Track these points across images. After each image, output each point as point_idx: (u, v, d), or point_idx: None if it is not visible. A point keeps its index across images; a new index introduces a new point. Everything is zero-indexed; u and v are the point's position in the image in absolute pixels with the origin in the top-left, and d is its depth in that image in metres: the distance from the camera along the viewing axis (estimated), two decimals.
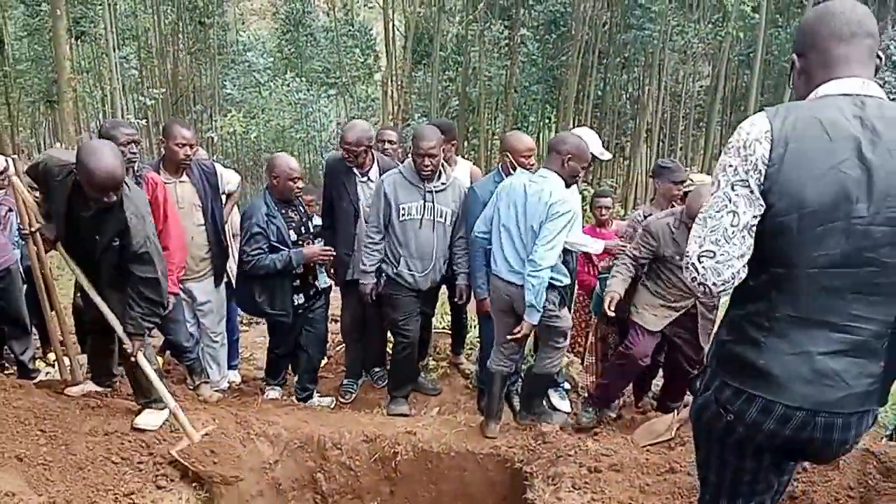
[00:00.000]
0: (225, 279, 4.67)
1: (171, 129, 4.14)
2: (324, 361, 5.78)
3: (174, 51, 21.28)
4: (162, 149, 4.31)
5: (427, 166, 4.09)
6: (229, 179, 4.59)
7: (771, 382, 1.75)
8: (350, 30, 21.96)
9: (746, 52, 20.05)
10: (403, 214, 4.22)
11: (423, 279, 4.33)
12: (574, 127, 5.83)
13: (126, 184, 3.14)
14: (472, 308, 4.74)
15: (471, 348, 5.62)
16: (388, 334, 4.92)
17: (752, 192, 1.67)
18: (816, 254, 1.66)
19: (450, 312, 5.34)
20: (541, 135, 24.72)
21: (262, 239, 4.17)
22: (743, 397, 1.79)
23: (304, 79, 18.53)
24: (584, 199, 8.50)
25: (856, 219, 1.62)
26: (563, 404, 4.61)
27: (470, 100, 19.22)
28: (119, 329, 3.33)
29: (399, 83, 17.81)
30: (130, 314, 3.28)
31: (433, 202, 4.23)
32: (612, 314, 3.92)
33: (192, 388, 4.46)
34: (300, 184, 4.35)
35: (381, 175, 4.36)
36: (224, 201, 4.53)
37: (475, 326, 5.33)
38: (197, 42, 21.23)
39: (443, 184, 4.26)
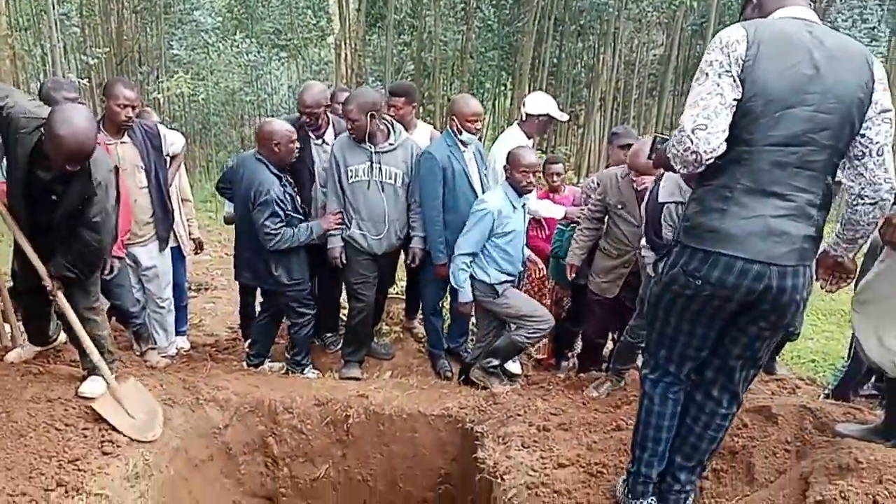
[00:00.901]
0: (174, 243, 4.57)
1: (112, 88, 3.99)
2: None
3: (118, 9, 20.43)
4: (103, 109, 4.15)
5: (349, 129, 4.11)
6: (173, 141, 4.45)
7: (732, 241, 2.16)
8: None
9: (700, 22, 20.20)
10: (352, 176, 4.18)
11: (376, 242, 4.30)
12: (529, 93, 5.81)
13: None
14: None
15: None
16: (343, 299, 4.91)
17: (734, 79, 2.10)
18: (772, 133, 2.10)
19: (405, 278, 5.34)
20: (496, 101, 24.63)
21: (280, 212, 4.08)
22: (709, 260, 2.19)
23: (254, 40, 18.03)
24: None
25: (805, 107, 2.08)
26: (514, 366, 4.68)
27: (425, 65, 18.99)
28: (42, 269, 3.17)
29: (353, 46, 17.49)
30: (58, 259, 3.15)
31: (380, 164, 4.20)
32: (571, 279, 4.30)
33: (138, 354, 4.38)
34: (297, 143, 4.22)
35: (336, 137, 4.32)
36: (168, 163, 4.41)
37: None
38: (142, 0, 20.42)
39: (391, 144, 4.22)
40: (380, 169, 4.20)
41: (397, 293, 5.99)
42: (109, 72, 16.56)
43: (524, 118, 4.79)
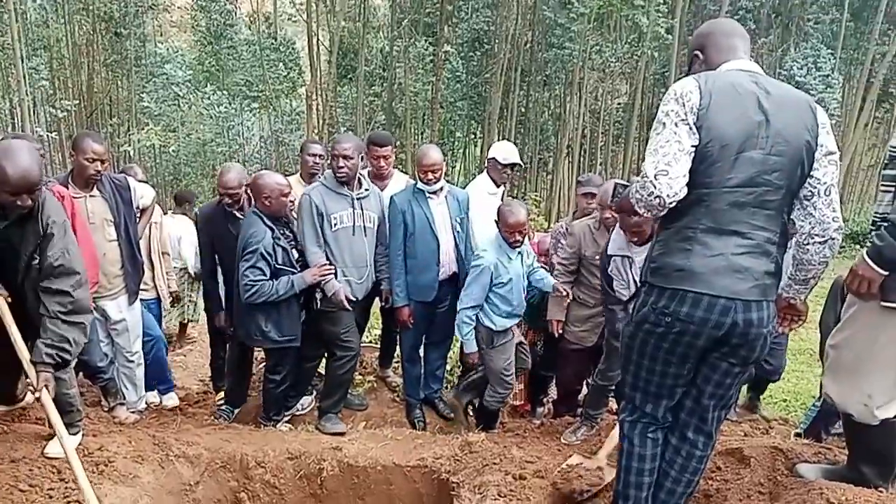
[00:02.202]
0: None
1: (80, 142, 3.98)
2: (221, 394, 5.63)
3: (89, 62, 20.54)
4: (72, 163, 4.14)
5: (341, 168, 4.11)
6: (143, 194, 4.44)
7: (697, 279, 2.27)
8: (273, 43, 21.70)
9: (661, 71, 20.87)
10: (336, 224, 4.19)
11: (359, 287, 4.32)
12: (497, 141, 5.94)
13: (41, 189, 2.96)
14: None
15: (398, 362, 5.61)
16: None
17: (690, 127, 2.23)
18: (729, 176, 2.23)
19: (380, 326, 5.33)
20: (467, 150, 25.02)
21: (265, 265, 4.01)
22: (677, 297, 2.30)
23: (225, 92, 18.19)
24: None
25: (757, 150, 2.22)
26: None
27: (396, 114, 19.30)
28: (25, 355, 3.00)
29: (324, 97, 17.71)
30: (40, 341, 2.95)
31: (361, 209, 4.25)
32: (558, 334, 4.39)
33: (106, 409, 4.28)
34: (292, 196, 4.19)
35: None
36: (138, 216, 4.39)
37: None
38: (113, 53, 20.54)
39: (366, 190, 4.29)
40: (361, 213, 4.25)
41: (371, 341, 5.97)
42: (79, 124, 16.56)
43: (492, 164, 4.93)
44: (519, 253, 4.20)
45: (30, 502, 2.96)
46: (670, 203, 2.23)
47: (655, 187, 2.21)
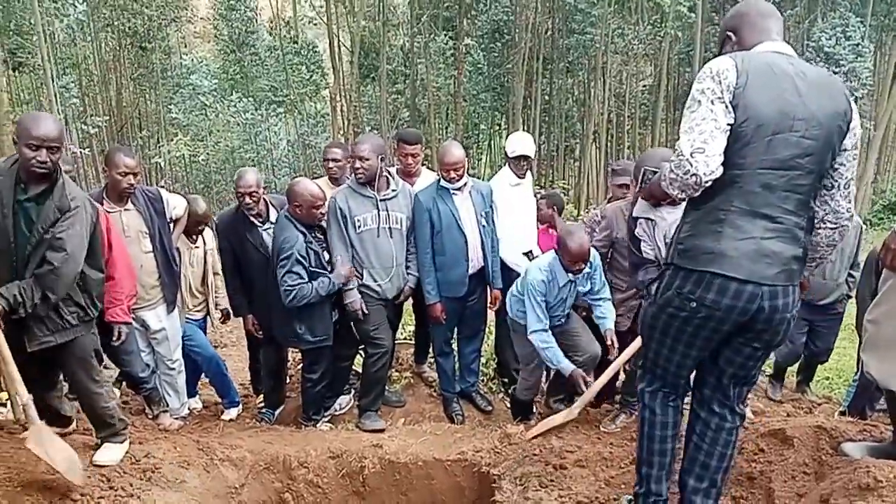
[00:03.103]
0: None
1: (113, 157, 4.07)
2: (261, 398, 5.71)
3: (116, 77, 20.92)
4: (105, 178, 4.24)
5: (357, 169, 4.16)
6: (176, 205, 4.51)
7: (726, 261, 2.23)
8: (295, 47, 21.88)
9: (686, 51, 20.56)
10: (360, 226, 4.23)
11: (388, 287, 4.35)
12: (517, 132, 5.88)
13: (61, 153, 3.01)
14: None
15: (433, 357, 5.64)
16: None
17: (726, 105, 2.18)
18: (763, 157, 2.20)
19: (413, 323, 5.37)
20: (492, 142, 24.95)
21: (301, 269, 4.10)
22: (704, 282, 2.27)
23: (251, 99, 18.38)
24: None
25: (793, 132, 2.18)
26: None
27: (419, 111, 19.32)
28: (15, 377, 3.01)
29: (348, 98, 17.81)
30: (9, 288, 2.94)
31: (387, 210, 4.27)
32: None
33: (151, 417, 4.38)
34: (323, 209, 4.21)
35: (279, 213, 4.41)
36: (172, 227, 4.48)
37: None
38: (139, 67, 20.89)
39: (393, 191, 4.31)
40: (387, 215, 4.27)
41: (405, 338, 6.00)
42: (110, 139, 16.89)
43: (512, 159, 4.88)
44: (572, 282, 3.99)
45: None
46: (706, 182, 2.20)
47: (692, 165, 2.18)
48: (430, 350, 5.39)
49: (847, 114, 2.25)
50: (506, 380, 5.29)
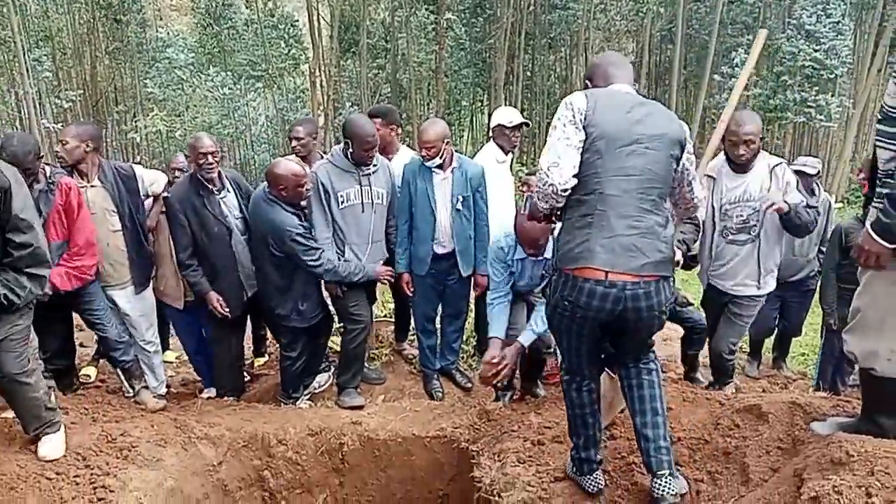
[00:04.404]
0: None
1: (62, 132, 4.02)
2: (263, 360, 5.73)
3: (91, 51, 20.49)
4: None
5: (371, 156, 4.19)
6: (153, 180, 4.42)
7: (594, 257, 2.53)
8: (273, 21, 21.53)
9: (668, 27, 20.52)
10: (343, 201, 4.20)
11: (369, 262, 4.35)
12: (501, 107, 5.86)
13: None
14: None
15: (414, 335, 5.64)
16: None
17: (577, 127, 2.59)
18: (618, 167, 2.57)
19: (393, 300, 5.35)
20: (474, 118, 24.84)
21: (310, 240, 4.10)
22: (576, 285, 2.57)
23: (228, 73, 18.10)
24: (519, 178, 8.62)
25: (638, 144, 2.57)
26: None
27: (401, 86, 19.15)
28: None
29: (327, 72, 17.59)
30: None
31: (369, 185, 4.25)
32: None
33: (130, 395, 4.32)
34: (308, 185, 4.15)
35: (232, 186, 4.35)
36: (152, 204, 4.40)
37: None
38: (114, 41, 20.46)
39: (374, 166, 4.28)
40: (369, 190, 4.25)
41: (386, 315, 5.99)
42: (85, 114, 16.58)
43: (496, 130, 4.88)
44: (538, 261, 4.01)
45: (57, 490, 3.02)
46: (563, 191, 2.60)
47: (549, 177, 2.60)
48: (411, 328, 5.41)
49: (681, 132, 2.68)
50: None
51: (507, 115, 4.85)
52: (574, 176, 2.59)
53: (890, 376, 2.55)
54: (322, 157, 4.67)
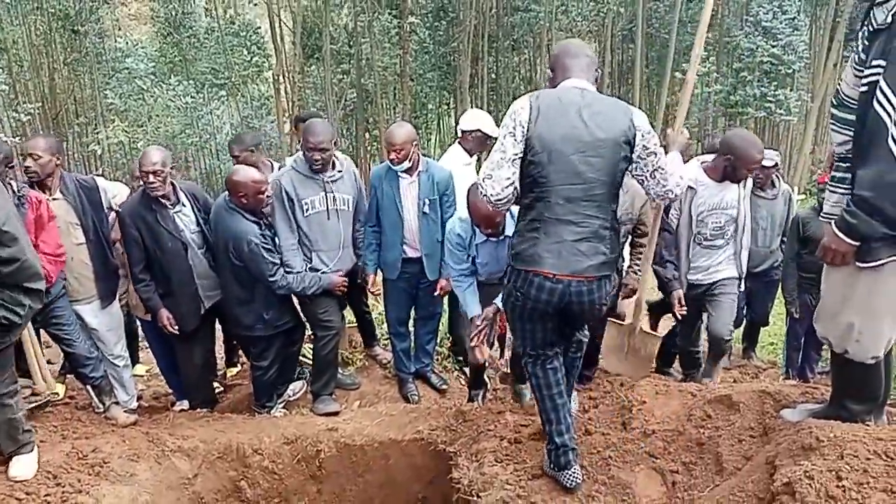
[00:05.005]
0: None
1: (27, 145, 3.93)
2: (236, 370, 5.67)
3: (49, 62, 20.09)
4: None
5: (317, 161, 4.10)
6: (116, 193, 4.36)
7: (542, 261, 2.72)
8: (234, 28, 21.33)
9: (629, 27, 20.77)
10: (308, 209, 4.17)
11: (336, 268, 4.33)
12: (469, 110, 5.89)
13: None
14: None
15: (388, 339, 5.62)
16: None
17: (515, 139, 2.69)
18: (560, 176, 2.67)
19: (373, 308, 5.35)
20: (441, 121, 24.87)
21: (268, 253, 4.04)
22: (527, 279, 2.76)
23: (191, 82, 17.87)
24: None
25: (580, 153, 2.66)
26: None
27: (366, 91, 19.09)
28: None
29: (291, 79, 17.47)
30: None
31: (333, 192, 4.23)
32: None
33: (100, 411, 4.24)
34: (268, 192, 4.11)
35: (189, 199, 4.26)
36: (115, 216, 4.33)
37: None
38: (73, 52, 20.07)
39: (339, 172, 4.27)
40: (334, 197, 4.23)
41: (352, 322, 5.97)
42: (45, 127, 16.26)
43: (461, 134, 4.90)
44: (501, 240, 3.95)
45: None
46: (496, 201, 2.75)
47: (483, 188, 2.76)
48: (379, 331, 5.41)
49: (630, 129, 2.71)
50: (460, 358, 5.32)
51: (489, 125, 4.91)
52: (509, 187, 2.73)
53: (860, 360, 2.61)
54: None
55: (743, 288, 4.42)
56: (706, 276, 4.18)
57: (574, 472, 2.93)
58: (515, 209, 3.42)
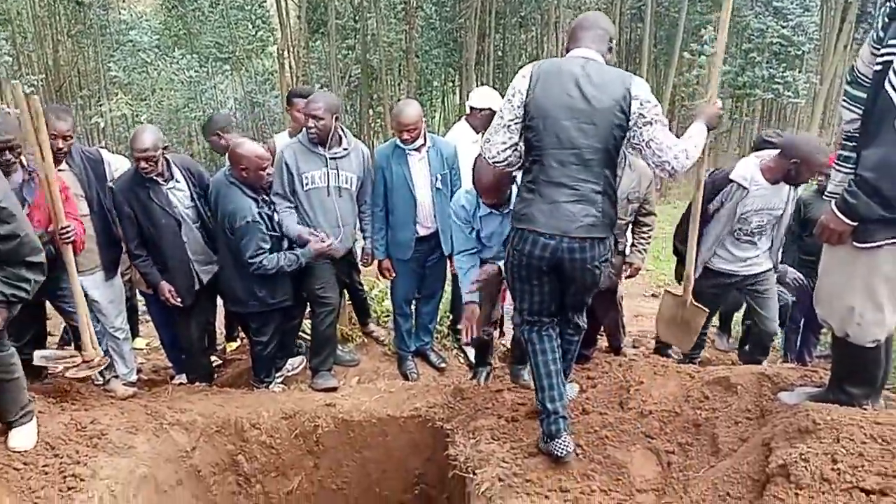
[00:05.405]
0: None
1: (45, 119, 3.89)
2: (236, 344, 5.69)
3: (52, 34, 19.95)
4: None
5: (311, 128, 4.05)
6: (118, 166, 4.36)
7: (535, 221, 2.87)
8: (239, 2, 21.12)
9: (638, 5, 20.51)
10: (307, 183, 4.14)
11: (337, 247, 4.28)
12: (476, 88, 5.84)
13: None
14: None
15: (387, 316, 5.62)
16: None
17: (513, 105, 2.90)
18: (553, 140, 2.82)
19: (377, 286, 5.36)
20: (445, 99, 24.70)
21: (259, 236, 3.99)
22: (523, 236, 2.91)
23: (195, 56, 17.74)
24: None
25: (574, 120, 2.79)
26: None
27: (371, 67, 18.93)
28: None
29: (295, 54, 17.32)
30: None
31: (337, 169, 4.18)
32: None
33: (99, 383, 4.26)
34: (270, 169, 4.09)
35: (183, 174, 4.21)
36: None
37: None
38: (76, 24, 19.92)
39: (345, 150, 4.22)
40: (337, 174, 4.18)
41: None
42: (48, 99, 16.19)
43: (469, 111, 4.85)
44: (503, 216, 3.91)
45: (25, 480, 2.97)
46: (496, 163, 3.00)
47: (483, 150, 3.05)
48: (378, 309, 5.41)
49: (625, 97, 2.79)
50: (459, 337, 5.31)
51: (483, 99, 4.86)
52: (505, 150, 2.95)
53: (860, 344, 2.60)
54: None
55: None
56: (741, 267, 4.21)
57: (564, 441, 2.96)
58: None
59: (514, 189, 3.57)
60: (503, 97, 3.13)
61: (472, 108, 4.87)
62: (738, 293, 4.57)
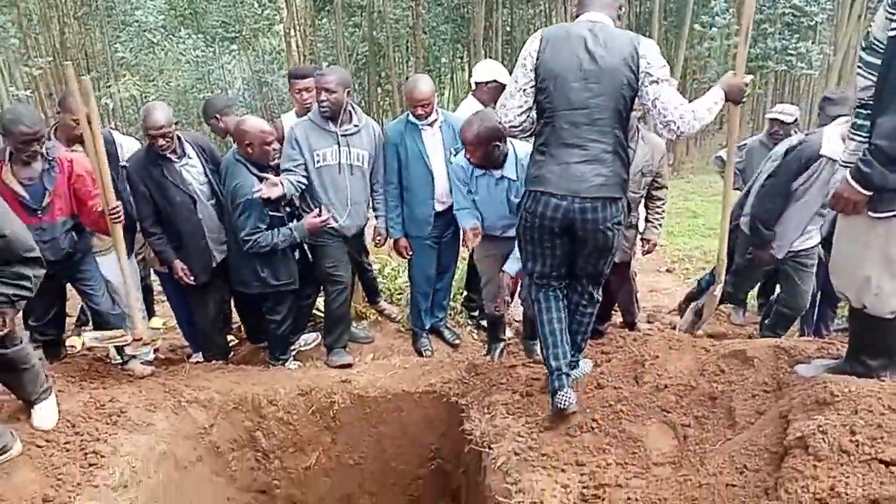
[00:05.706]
0: None
1: (66, 101, 3.92)
2: None
3: (59, 16, 19.88)
4: (55, 119, 4.06)
5: (323, 101, 4.02)
6: (129, 148, 4.38)
7: (547, 182, 2.94)
8: None
9: None
10: (319, 161, 4.12)
11: (347, 224, 4.28)
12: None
13: None
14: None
15: (400, 293, 5.64)
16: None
17: (526, 69, 2.95)
18: (563, 102, 2.87)
19: (390, 265, 5.36)
20: (454, 75, 24.53)
21: (257, 214, 3.98)
22: (535, 198, 2.97)
23: (201, 35, 17.65)
24: None
25: (583, 81, 2.84)
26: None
27: (379, 44, 18.80)
28: None
29: (302, 32, 17.20)
30: None
31: (348, 146, 4.16)
32: None
33: (117, 362, 4.30)
34: (276, 145, 4.08)
35: (196, 151, 4.20)
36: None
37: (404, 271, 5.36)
38: (82, 5, 19.84)
39: (356, 126, 4.19)
40: (348, 151, 4.16)
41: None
42: (56, 81, 16.15)
43: (475, 87, 4.81)
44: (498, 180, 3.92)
45: (48, 456, 3.02)
46: (511, 127, 3.08)
47: (499, 114, 3.14)
48: (391, 287, 5.42)
49: (633, 57, 2.83)
50: (474, 313, 5.33)
51: (504, 74, 4.77)
52: (521, 115, 3.02)
53: (878, 315, 2.58)
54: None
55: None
56: (802, 241, 4.30)
57: (567, 394, 3.05)
58: (521, 151, 3.74)
59: (511, 153, 3.79)
60: (510, 73, 3.15)
61: (477, 83, 4.82)
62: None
